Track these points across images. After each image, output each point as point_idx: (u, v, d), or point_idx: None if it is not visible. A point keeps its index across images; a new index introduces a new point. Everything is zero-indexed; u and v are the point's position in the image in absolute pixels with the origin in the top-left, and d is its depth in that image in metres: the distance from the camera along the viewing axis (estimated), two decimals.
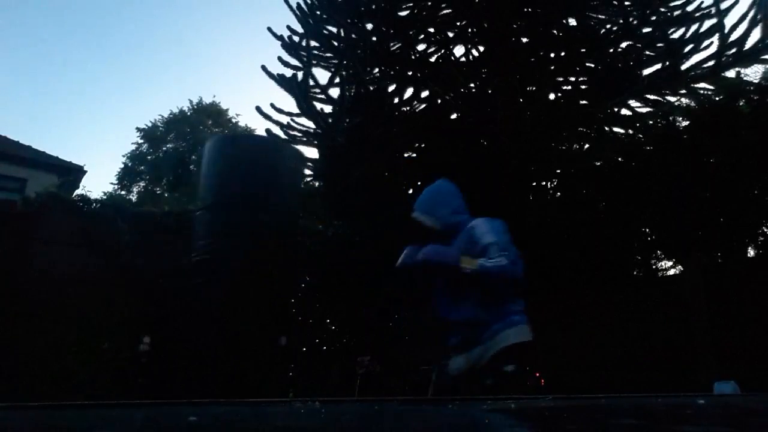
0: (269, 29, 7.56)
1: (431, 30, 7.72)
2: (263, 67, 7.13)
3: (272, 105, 7.34)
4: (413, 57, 7.69)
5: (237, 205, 4.98)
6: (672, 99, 7.14)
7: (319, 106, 7.34)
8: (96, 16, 39.82)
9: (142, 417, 1.23)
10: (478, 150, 7.08)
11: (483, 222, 2.51)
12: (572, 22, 7.70)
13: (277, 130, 7.33)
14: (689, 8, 6.94)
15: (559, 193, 7.81)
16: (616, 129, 7.63)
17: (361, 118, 7.18)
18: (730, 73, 6.62)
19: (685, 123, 6.95)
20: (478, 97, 7.59)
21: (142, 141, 21.29)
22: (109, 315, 5.40)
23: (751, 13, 6.29)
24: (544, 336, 6.26)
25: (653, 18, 6.91)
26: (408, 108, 7.75)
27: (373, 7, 7.55)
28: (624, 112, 7.40)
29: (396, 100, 7.70)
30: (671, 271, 7.16)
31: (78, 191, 9.84)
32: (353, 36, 7.56)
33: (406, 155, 7.84)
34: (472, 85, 7.84)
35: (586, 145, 7.87)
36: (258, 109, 7.20)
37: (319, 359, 6.67)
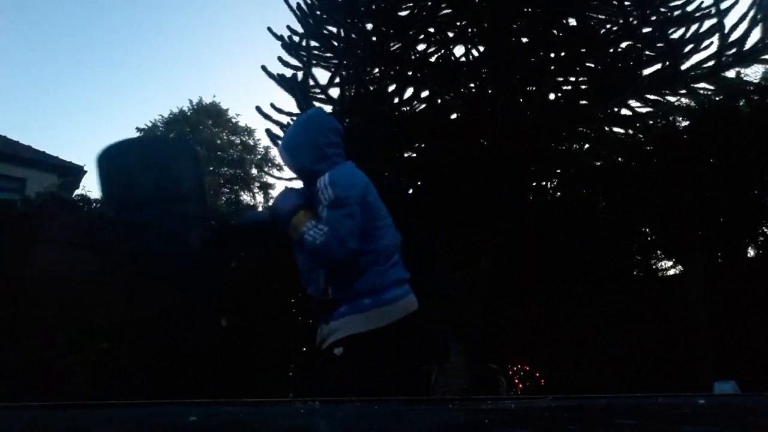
0: (269, 29, 7.57)
1: (431, 30, 7.72)
2: (263, 67, 7.14)
3: (272, 105, 7.35)
4: (413, 57, 7.69)
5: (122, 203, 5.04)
6: (672, 99, 7.15)
7: (319, 106, 7.34)
8: (96, 16, 39.85)
9: (142, 417, 1.23)
10: (478, 150, 7.08)
11: (328, 177, 1.95)
12: (572, 22, 7.70)
13: (277, 130, 7.34)
14: (689, 8, 6.94)
15: (559, 193, 7.82)
16: (616, 129, 7.63)
17: (361, 118, 7.18)
18: (730, 73, 6.63)
19: (685, 123, 6.96)
20: (478, 97, 7.60)
21: None
22: (109, 315, 5.40)
23: (751, 13, 6.29)
24: (544, 336, 6.30)
25: (653, 18, 6.92)
26: (408, 108, 7.76)
27: (373, 7, 7.55)
28: (624, 112, 7.41)
29: (396, 100, 7.71)
30: (671, 271, 7.17)
31: (78, 191, 9.84)
32: (353, 36, 7.56)
33: (406, 155, 7.84)
34: (472, 85, 7.84)
35: (586, 145, 7.88)
36: (258, 109, 7.21)
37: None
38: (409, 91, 7.70)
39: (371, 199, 2.01)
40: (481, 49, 7.89)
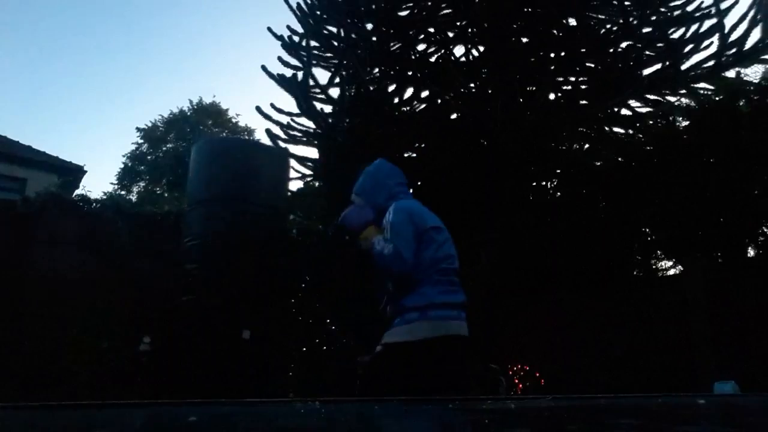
0: (269, 29, 7.57)
1: (431, 30, 7.71)
2: (263, 67, 7.14)
3: (272, 105, 7.35)
4: (413, 57, 7.68)
5: (224, 200, 5.39)
6: (672, 99, 7.14)
7: (319, 106, 7.35)
8: (96, 15, 39.85)
9: (142, 417, 1.23)
10: (478, 150, 7.08)
11: (397, 203, 2.35)
12: (572, 22, 7.69)
13: (277, 130, 7.34)
14: (689, 8, 6.93)
15: (559, 193, 7.81)
16: (616, 129, 7.63)
17: (361, 118, 7.18)
18: (730, 73, 6.62)
19: (685, 123, 6.95)
20: (478, 97, 7.59)
21: (142, 141, 21.26)
22: (109, 315, 5.40)
23: (751, 13, 6.29)
24: (544, 336, 6.29)
25: (653, 18, 6.91)
26: (408, 108, 7.75)
27: (373, 7, 7.55)
28: (624, 112, 7.40)
29: (396, 100, 7.70)
30: (671, 271, 7.16)
31: (78, 191, 9.85)
32: (353, 36, 7.55)
33: (406, 155, 7.83)
34: (472, 85, 7.83)
35: (586, 145, 7.87)
36: (258, 109, 7.21)
37: (319, 359, 6.67)
38: (409, 91, 7.70)
39: (427, 227, 2.35)
40: (481, 49, 7.89)
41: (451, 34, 7.87)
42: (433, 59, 7.77)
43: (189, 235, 5.42)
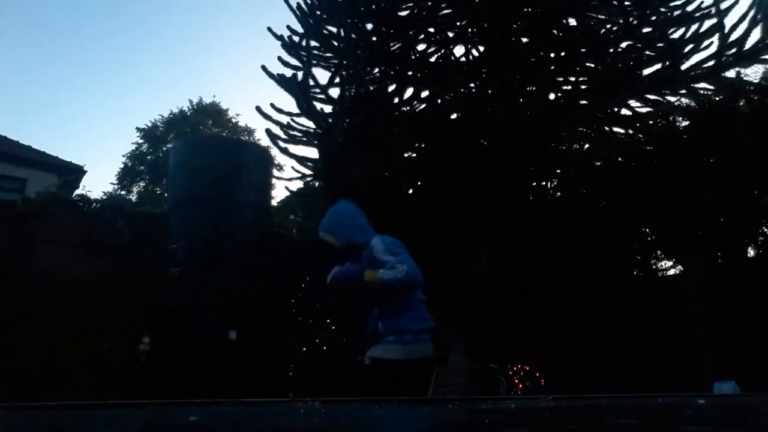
0: (269, 29, 7.56)
1: (431, 30, 7.70)
2: (263, 67, 7.13)
3: (272, 105, 7.34)
4: (413, 57, 7.68)
5: (204, 200, 5.46)
6: (672, 99, 7.14)
7: (319, 106, 7.34)
8: (96, 16, 39.82)
9: (142, 417, 1.23)
10: (478, 150, 7.07)
11: (379, 241, 2.72)
12: (572, 22, 7.69)
13: (277, 130, 7.33)
14: (689, 8, 6.93)
15: (559, 193, 7.81)
16: (616, 129, 7.62)
17: (361, 118, 7.17)
18: (730, 73, 6.62)
19: (685, 123, 6.95)
20: (478, 97, 7.59)
21: (142, 141, 21.24)
22: (109, 315, 5.40)
23: (751, 13, 6.28)
24: (544, 336, 6.29)
25: (653, 18, 6.90)
26: (408, 108, 7.75)
27: (373, 7, 7.54)
28: (624, 112, 7.40)
29: (396, 100, 7.70)
30: (671, 271, 7.16)
31: (78, 191, 9.85)
32: (353, 36, 7.55)
33: (406, 155, 7.83)
34: (472, 85, 7.83)
35: (586, 145, 7.87)
36: (258, 109, 7.20)
37: (319, 359, 6.67)
38: (409, 91, 7.69)
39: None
40: (481, 49, 7.88)
41: (451, 34, 7.87)
42: (433, 59, 7.77)
43: (171, 238, 5.40)
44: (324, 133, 7.20)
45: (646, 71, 6.95)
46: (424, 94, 7.66)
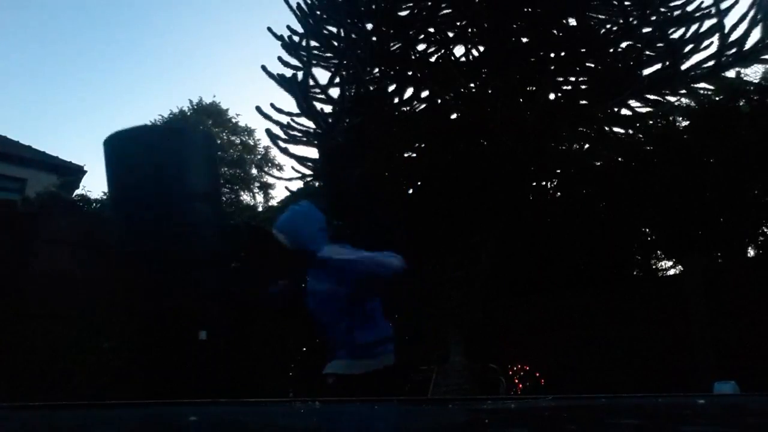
0: (269, 29, 7.55)
1: (431, 30, 7.69)
2: (263, 67, 7.12)
3: (272, 105, 7.33)
4: (413, 57, 7.67)
5: (136, 197, 4.93)
6: (672, 99, 7.12)
7: (319, 106, 7.32)
8: (96, 15, 39.79)
9: (142, 417, 1.23)
10: (478, 150, 7.07)
11: (335, 250, 2.61)
12: (572, 22, 7.68)
13: (277, 130, 7.33)
14: (689, 8, 6.92)
15: (559, 193, 7.81)
16: (616, 129, 7.62)
17: (361, 118, 7.17)
18: (730, 73, 6.61)
19: (685, 123, 6.95)
20: (478, 97, 7.58)
21: None
22: (109, 315, 5.40)
23: (751, 13, 6.27)
24: (544, 336, 6.30)
25: (653, 18, 6.90)
26: (408, 108, 7.74)
27: (373, 7, 7.53)
28: (624, 112, 7.38)
29: (396, 100, 7.69)
30: (671, 271, 7.17)
31: (78, 191, 9.85)
32: (353, 36, 7.54)
33: (406, 155, 7.82)
34: (472, 85, 7.82)
35: (586, 145, 7.86)
36: (258, 109, 7.19)
37: (319, 359, 6.67)
38: (409, 91, 7.68)
39: None
40: (481, 49, 7.88)
41: (451, 34, 7.86)
42: (433, 59, 7.76)
43: (121, 240, 4.98)
44: (324, 133, 7.20)
45: (646, 71, 6.94)
46: (424, 94, 7.65)
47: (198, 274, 4.89)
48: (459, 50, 7.97)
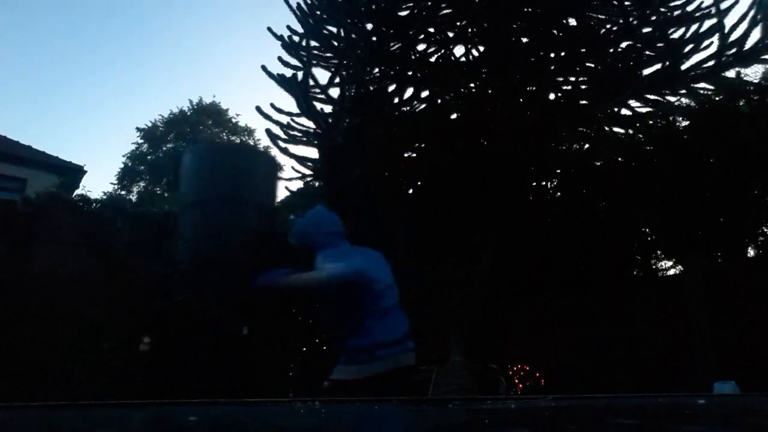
0: (269, 29, 7.55)
1: (431, 30, 7.70)
2: (263, 67, 7.12)
3: (272, 105, 7.33)
4: (413, 57, 7.67)
5: (216, 203, 5.80)
6: (672, 99, 7.12)
7: (319, 106, 7.32)
8: (96, 16, 39.82)
9: (142, 417, 1.23)
10: (478, 150, 7.07)
11: (325, 255, 2.63)
12: (572, 22, 7.68)
13: (277, 130, 7.32)
14: (689, 8, 6.92)
15: (559, 193, 7.81)
16: (616, 129, 7.62)
17: (361, 118, 7.17)
18: (730, 73, 6.61)
19: (685, 123, 6.95)
20: (478, 97, 7.58)
21: (142, 141, 21.25)
22: (109, 315, 5.40)
23: (751, 13, 6.27)
24: (544, 336, 6.29)
25: (653, 18, 6.90)
26: (408, 108, 7.74)
27: (373, 7, 7.54)
28: (624, 112, 7.38)
29: (396, 100, 7.69)
30: (671, 271, 7.17)
31: (78, 191, 9.85)
32: (353, 36, 7.54)
33: (406, 155, 7.83)
34: (472, 85, 7.82)
35: (586, 145, 7.86)
36: (258, 109, 7.19)
37: (319, 359, 6.67)
38: (409, 91, 7.68)
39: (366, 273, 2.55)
40: (481, 49, 7.88)
41: (451, 34, 7.86)
42: (433, 59, 7.76)
43: (182, 237, 5.59)
44: (324, 133, 7.20)
45: (646, 71, 6.95)
46: (424, 94, 7.65)
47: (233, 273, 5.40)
48: (459, 50, 7.97)
